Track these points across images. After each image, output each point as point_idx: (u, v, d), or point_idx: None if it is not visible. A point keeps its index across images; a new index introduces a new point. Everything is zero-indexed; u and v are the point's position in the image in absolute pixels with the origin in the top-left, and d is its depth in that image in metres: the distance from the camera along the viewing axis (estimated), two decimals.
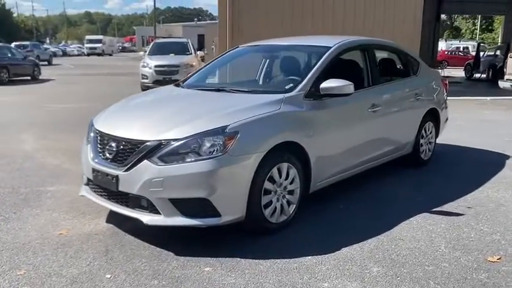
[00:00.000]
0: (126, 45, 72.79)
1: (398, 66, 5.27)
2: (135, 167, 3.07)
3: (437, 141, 6.38)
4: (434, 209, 3.95)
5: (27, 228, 3.51)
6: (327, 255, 3.09)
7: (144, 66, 13.15)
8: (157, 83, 11.73)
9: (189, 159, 3.00)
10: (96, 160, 3.37)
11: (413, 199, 4.25)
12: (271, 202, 3.34)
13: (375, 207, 4.04)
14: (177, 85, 4.39)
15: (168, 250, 3.13)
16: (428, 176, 5.06)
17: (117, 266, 2.92)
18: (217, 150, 3.01)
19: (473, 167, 5.42)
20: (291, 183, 3.49)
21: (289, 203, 3.51)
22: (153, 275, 2.81)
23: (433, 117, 5.42)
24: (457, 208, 4.01)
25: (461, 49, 34.47)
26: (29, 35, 79.36)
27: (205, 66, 4.84)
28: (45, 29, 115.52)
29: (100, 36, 59.46)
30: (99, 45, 53.69)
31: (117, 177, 3.15)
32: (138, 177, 3.05)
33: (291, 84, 3.76)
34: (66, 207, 3.95)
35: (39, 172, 5.03)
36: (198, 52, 16.28)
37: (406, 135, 4.94)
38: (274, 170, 3.31)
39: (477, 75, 20.22)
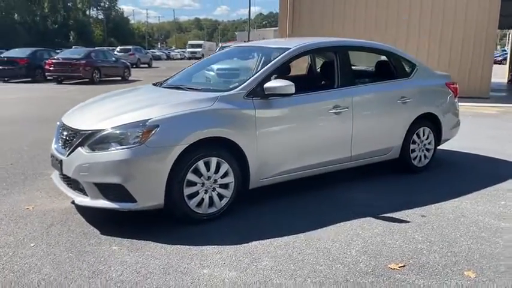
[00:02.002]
0: None
1: (382, 69, 5.09)
2: (72, 153, 3.50)
3: (462, 150, 6.11)
4: (382, 215, 3.84)
5: (6, 202, 4.11)
6: (231, 246, 3.22)
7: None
8: None
9: (111, 148, 3.34)
10: (54, 146, 3.87)
11: (371, 204, 4.14)
12: (197, 193, 3.55)
13: (321, 208, 4.02)
14: (155, 84, 4.76)
15: (98, 229, 3.50)
16: (412, 182, 4.83)
17: (47, 238, 3.35)
18: (135, 141, 3.31)
19: (472, 177, 5.04)
20: (223, 177, 3.66)
21: (221, 196, 3.68)
22: (67, 248, 3.18)
23: (430, 122, 5.15)
24: (409, 216, 3.84)
25: None
26: (141, 40, 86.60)
27: (189, 67, 5.16)
28: (159, 34, 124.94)
29: (200, 41, 63.08)
30: (199, 49, 56.93)
31: (61, 161, 3.60)
32: (73, 162, 3.46)
33: (236, 84, 3.93)
34: (50, 188, 4.51)
35: None
36: None
37: (387, 139, 4.78)
38: (200, 164, 3.51)
39: None
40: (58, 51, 21.91)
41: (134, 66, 31.92)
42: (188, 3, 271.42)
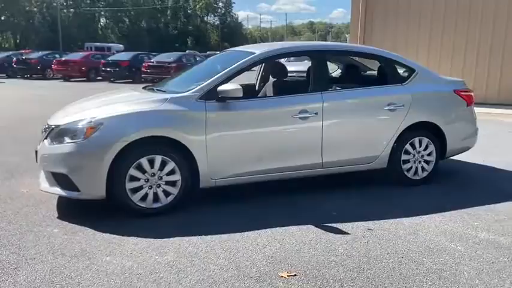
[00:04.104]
0: None
1: (367, 74, 4.82)
2: (41, 144, 3.98)
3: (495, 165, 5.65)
4: (327, 224, 3.72)
5: (11, 184, 4.78)
6: (151, 239, 3.41)
7: None
8: None
9: (64, 142, 3.75)
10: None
11: (329, 212, 4.01)
12: (141, 188, 3.80)
13: (275, 212, 4.01)
14: (144, 87, 5.05)
15: (59, 213, 3.94)
16: (398, 194, 4.54)
17: (13, 217, 3.85)
18: (82, 136, 3.67)
19: (473, 194, 4.57)
20: (169, 175, 3.86)
21: (167, 192, 3.88)
22: (19, 227, 3.64)
23: (430, 132, 4.77)
24: (355, 228, 3.66)
25: None
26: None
27: (184, 71, 5.43)
28: (272, 38, 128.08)
29: None
30: None
31: (36, 152, 4.11)
32: (40, 152, 3.95)
33: (193, 86, 4.09)
34: None
35: None
36: None
37: (369, 147, 4.54)
38: (143, 160, 3.76)
39: None
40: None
41: None
42: (304, 7, 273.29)
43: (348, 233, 3.56)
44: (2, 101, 13.20)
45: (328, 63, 5.61)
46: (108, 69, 20.99)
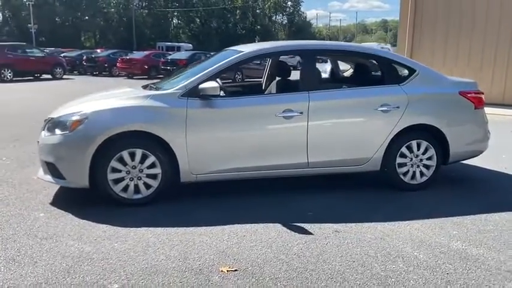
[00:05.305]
0: None
1: (362, 74, 4.66)
2: (40, 135, 4.32)
3: None
4: (295, 224, 3.70)
5: (27, 172, 5.20)
6: (120, 227, 3.59)
7: None
8: None
9: (54, 133, 4.05)
10: None
11: (304, 212, 3.98)
12: (122, 179, 4.01)
13: (251, 208, 4.06)
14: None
15: (53, 200, 4.26)
16: (390, 199, 4.38)
17: (14, 200, 4.21)
18: (67, 129, 3.95)
19: (475, 201, 4.30)
20: (149, 168, 4.03)
21: (148, 185, 4.06)
22: (13, 209, 3.98)
23: (431, 135, 4.55)
24: (322, 229, 3.61)
25: None
26: None
27: (185, 70, 5.56)
28: (344, 36, 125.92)
29: (373, 44, 61.60)
30: None
31: (38, 142, 4.47)
32: (39, 142, 4.28)
33: (179, 83, 4.22)
34: None
35: None
36: None
37: (359, 148, 4.42)
38: (124, 153, 3.96)
39: None
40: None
41: (293, 68, 33.38)
42: (377, 5, 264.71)
43: (312, 234, 3.52)
44: (61, 94, 14.21)
45: (339, 63, 5.58)
46: (167, 67, 21.85)
